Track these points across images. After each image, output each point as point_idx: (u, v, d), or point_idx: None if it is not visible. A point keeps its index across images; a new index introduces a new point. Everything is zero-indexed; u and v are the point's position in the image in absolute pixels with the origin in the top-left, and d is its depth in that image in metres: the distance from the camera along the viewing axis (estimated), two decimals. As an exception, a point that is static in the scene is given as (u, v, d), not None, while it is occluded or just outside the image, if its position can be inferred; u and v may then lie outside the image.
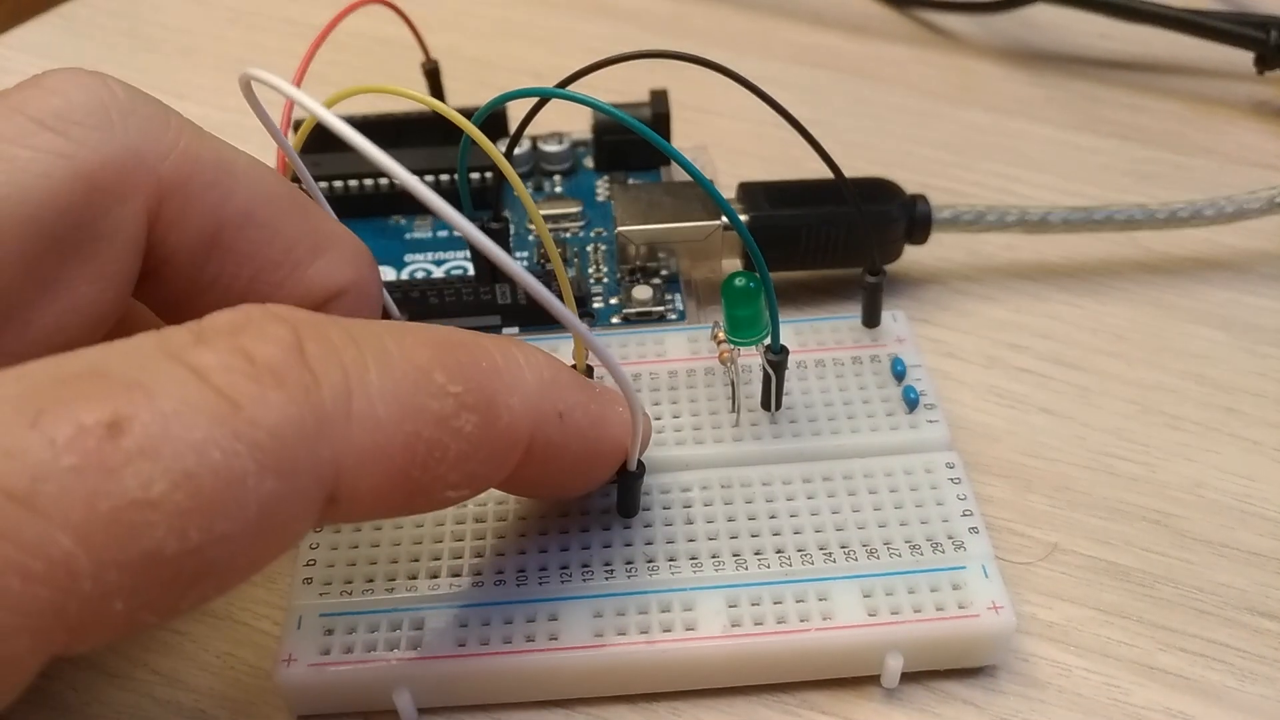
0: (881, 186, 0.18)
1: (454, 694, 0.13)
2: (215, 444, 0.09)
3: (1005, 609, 0.13)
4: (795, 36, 0.27)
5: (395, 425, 0.10)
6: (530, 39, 0.27)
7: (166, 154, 0.11)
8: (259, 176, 0.12)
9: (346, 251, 0.13)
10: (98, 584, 0.08)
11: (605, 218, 0.20)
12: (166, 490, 0.08)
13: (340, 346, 0.10)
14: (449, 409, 0.10)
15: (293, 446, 0.09)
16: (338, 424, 0.10)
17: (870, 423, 0.15)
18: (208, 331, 0.09)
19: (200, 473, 0.08)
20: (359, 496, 0.10)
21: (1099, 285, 0.19)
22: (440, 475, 0.11)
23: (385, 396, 0.10)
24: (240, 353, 0.09)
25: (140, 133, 0.11)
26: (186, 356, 0.09)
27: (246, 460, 0.09)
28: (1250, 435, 0.16)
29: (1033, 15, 0.26)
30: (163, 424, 0.08)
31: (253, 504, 0.09)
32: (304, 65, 0.15)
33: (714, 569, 0.13)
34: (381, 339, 0.10)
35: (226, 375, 0.09)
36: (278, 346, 0.09)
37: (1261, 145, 0.23)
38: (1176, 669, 0.13)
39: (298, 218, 0.12)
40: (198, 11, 0.28)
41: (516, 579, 0.13)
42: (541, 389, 0.11)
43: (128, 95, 0.11)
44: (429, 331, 0.11)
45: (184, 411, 0.09)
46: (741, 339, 0.14)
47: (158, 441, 0.08)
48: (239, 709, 0.13)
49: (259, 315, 0.10)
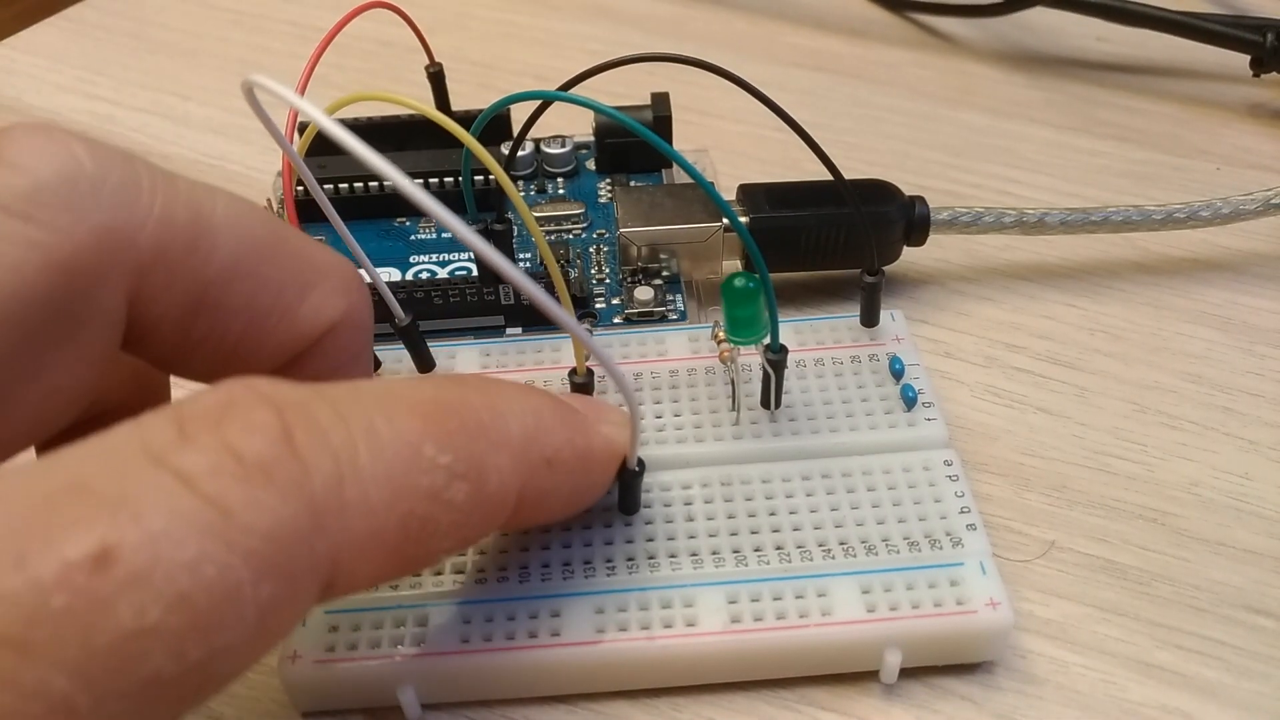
0: (880, 188, 0.18)
1: (457, 690, 0.13)
2: (208, 559, 0.08)
3: (1003, 605, 0.13)
4: (795, 40, 0.27)
5: (388, 508, 0.10)
6: (533, 42, 0.27)
7: (142, 224, 0.11)
8: (240, 223, 0.11)
9: (335, 283, 0.12)
10: (98, 716, 0.08)
11: (607, 219, 0.20)
12: (161, 616, 0.08)
13: (328, 428, 0.10)
14: (440, 482, 0.10)
15: (288, 548, 0.09)
16: (331, 515, 0.09)
17: (869, 421, 0.15)
18: (190, 424, 0.09)
19: (194, 592, 0.08)
20: (355, 579, 0.10)
21: (1096, 286, 0.19)
22: (434, 546, 0.10)
23: (378, 479, 0.10)
24: (227, 451, 0.09)
25: (113, 206, 0.10)
26: (171, 460, 0.09)
27: (241, 570, 0.08)
28: (1246, 434, 0.16)
29: (1030, 18, 0.26)
30: (152, 547, 0.08)
31: (250, 612, 0.09)
32: (308, 70, 0.15)
33: (714, 565, 0.13)
34: (370, 415, 0.10)
35: (215, 480, 0.09)
36: (265, 439, 0.09)
37: (1257, 147, 0.23)
38: (1173, 666, 0.14)
39: (283, 260, 0.12)
40: (202, 14, 0.28)
41: (519, 575, 0.13)
42: (527, 440, 0.11)
43: (95, 163, 0.10)
44: (417, 395, 0.11)
45: (173, 529, 0.08)
46: (741, 338, 0.14)
47: (148, 567, 0.08)
48: (245, 705, 0.13)
49: (243, 398, 0.09)
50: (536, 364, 0.16)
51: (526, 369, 0.16)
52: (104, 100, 0.25)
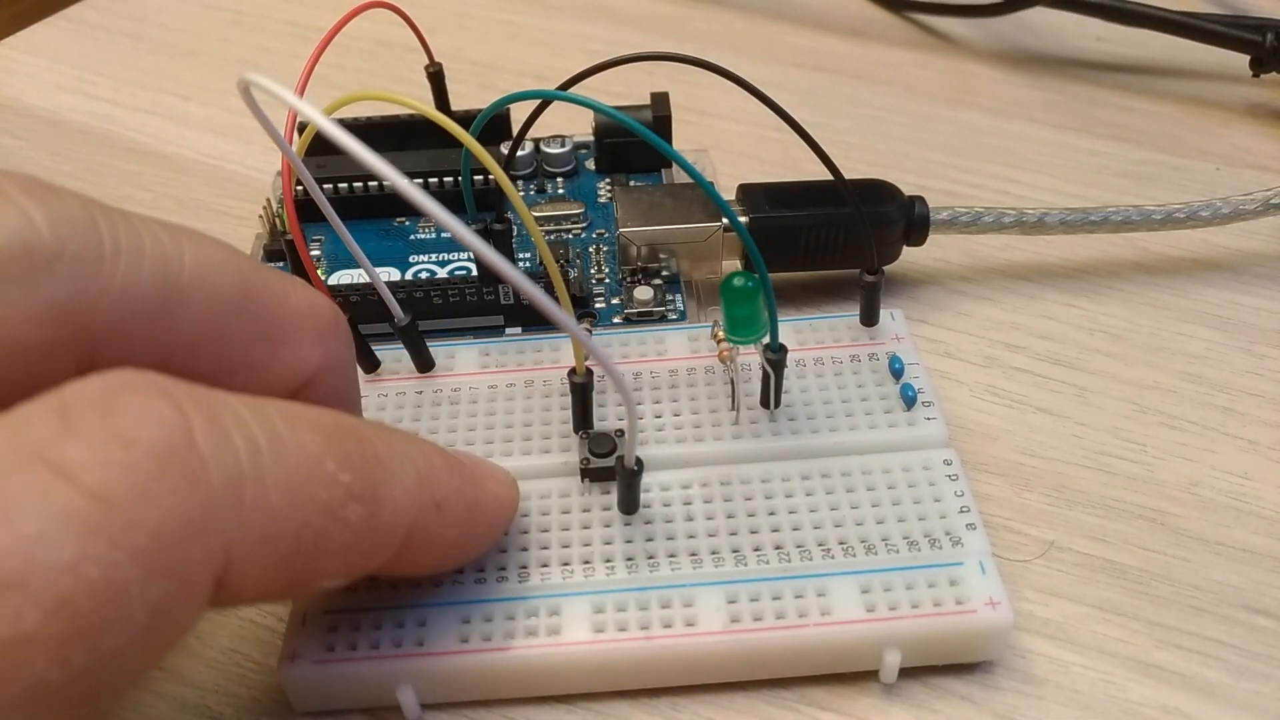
0: (880, 188, 0.18)
1: (457, 690, 0.13)
2: (90, 559, 0.08)
3: (1002, 605, 0.13)
4: (795, 40, 0.27)
5: (286, 513, 0.09)
6: (532, 42, 0.27)
7: (100, 295, 0.10)
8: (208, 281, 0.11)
9: (309, 330, 0.12)
10: None
11: (607, 219, 0.20)
12: (41, 622, 0.08)
13: (232, 425, 0.09)
14: (338, 498, 0.10)
15: (179, 544, 0.08)
16: (229, 511, 0.09)
17: (868, 420, 0.15)
18: (74, 411, 0.08)
19: (76, 595, 0.08)
20: (244, 585, 0.09)
21: (1096, 286, 0.19)
22: (322, 565, 0.10)
23: (279, 483, 0.09)
24: (115, 440, 0.08)
25: (69, 278, 0.09)
26: (50, 453, 0.08)
27: (128, 569, 0.08)
28: (1246, 434, 0.16)
29: (1030, 18, 0.26)
30: (26, 549, 0.08)
31: (139, 612, 0.08)
32: (308, 70, 0.15)
33: (714, 565, 0.13)
34: (272, 420, 0.10)
35: (99, 471, 0.08)
36: (159, 427, 0.08)
37: (1257, 147, 0.23)
38: (1172, 666, 0.14)
39: (252, 313, 0.11)
40: (202, 14, 0.28)
41: (518, 575, 0.13)
42: (419, 481, 0.11)
43: (53, 229, 0.09)
44: (318, 416, 0.10)
45: (49, 530, 0.08)
46: (740, 338, 0.14)
47: (22, 571, 0.08)
48: (243, 705, 0.13)
49: (135, 383, 0.09)
50: (536, 364, 0.16)
51: (526, 369, 0.16)
52: (103, 100, 0.25)
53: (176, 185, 0.22)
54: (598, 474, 0.14)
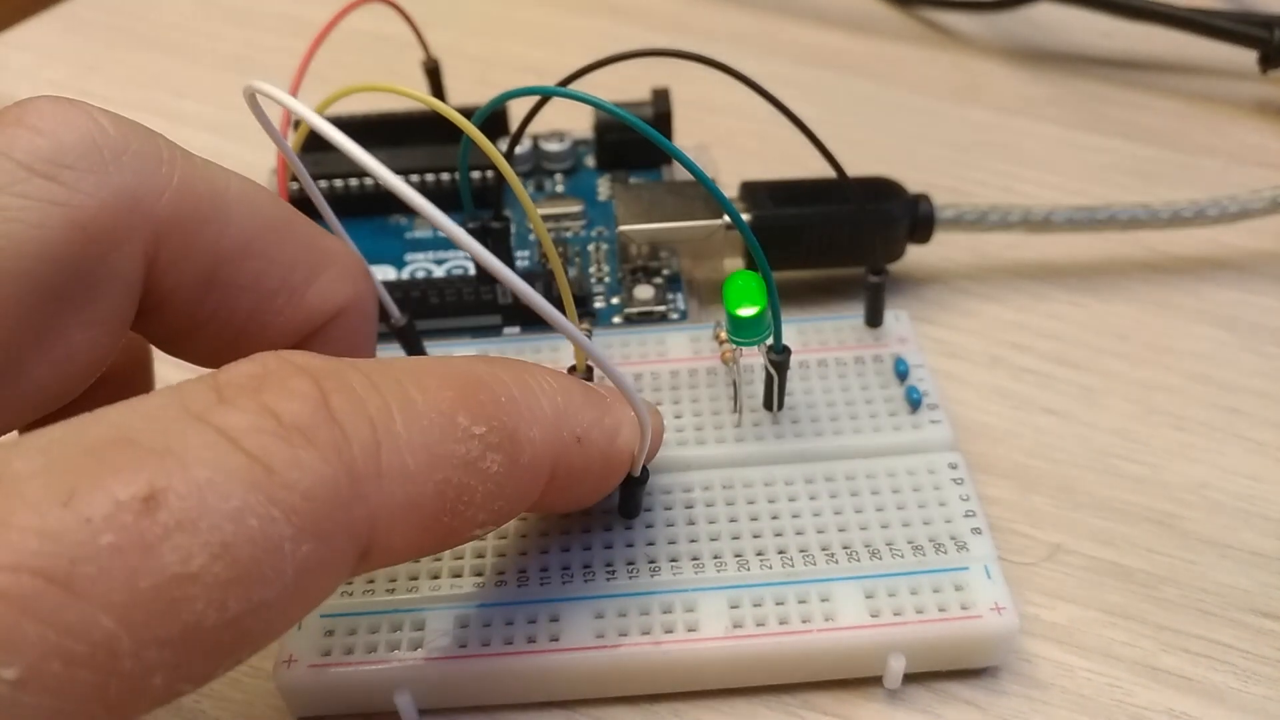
0: (884, 185, 0.18)
1: (455, 695, 0.13)
2: (251, 511, 0.08)
3: (1008, 610, 0.13)
4: (798, 35, 0.26)
5: (425, 475, 0.10)
6: (531, 37, 0.27)
7: (162, 192, 0.11)
8: (252, 202, 0.12)
9: (343, 269, 0.12)
10: (139, 662, 0.08)
11: (607, 217, 0.20)
12: (206, 563, 0.08)
13: (364, 397, 0.10)
14: (475, 452, 0.10)
15: (328, 507, 0.09)
16: (369, 480, 0.09)
17: (873, 423, 0.15)
18: (228, 388, 0.09)
19: (238, 542, 0.08)
20: (393, 548, 0.10)
21: (1102, 285, 0.19)
22: (470, 517, 0.11)
23: (414, 446, 0.10)
24: (267, 412, 0.09)
25: (135, 172, 0.11)
26: (213, 418, 0.09)
27: (283, 526, 0.09)
28: (1255, 436, 0.16)
29: (1036, 14, 0.26)
30: (198, 494, 0.08)
31: (290, 569, 0.09)
32: (303, 66, 0.15)
33: (716, 570, 0.13)
34: (403, 384, 0.10)
35: (257, 437, 0.09)
36: (304, 403, 0.09)
37: (1265, 144, 0.22)
38: (1179, 670, 0.13)
39: (293, 241, 0.12)
40: (196, 9, 0.28)
41: (518, 580, 0.13)
42: (558, 416, 0.11)
43: (117, 130, 0.11)
44: (448, 369, 0.11)
45: (218, 479, 0.08)
46: (743, 339, 0.14)
47: (194, 513, 0.08)
48: (240, 710, 0.13)
49: (278, 367, 0.09)
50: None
51: (525, 369, 0.16)
52: (97, 96, 0.25)
53: (172, 182, 0.22)
54: (598, 476, 0.14)
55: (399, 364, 0.11)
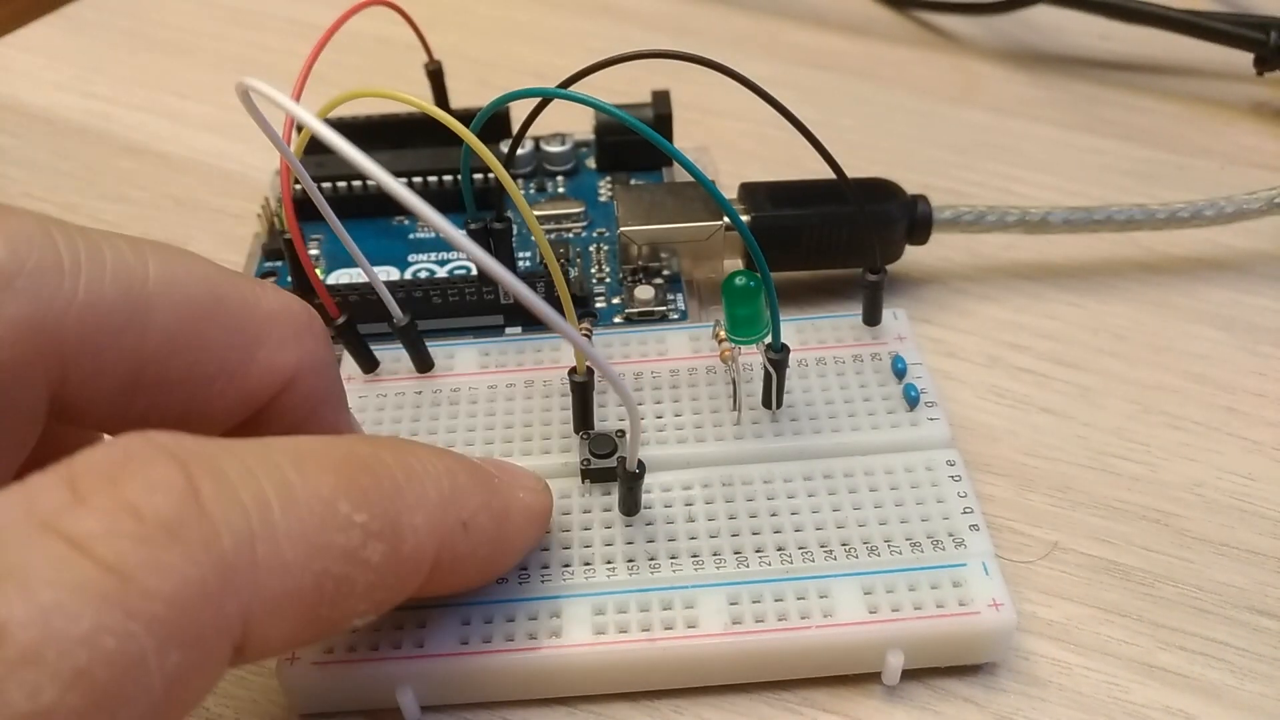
0: (882, 187, 0.18)
1: (457, 692, 0.13)
2: (105, 630, 0.08)
3: (1006, 606, 0.13)
4: (797, 38, 0.27)
5: (303, 565, 0.09)
6: (532, 39, 0.27)
7: (65, 310, 0.10)
8: (175, 290, 0.11)
9: (285, 333, 0.12)
10: None
11: (607, 218, 0.20)
12: (58, 695, 0.07)
13: (238, 483, 0.09)
14: (356, 541, 0.10)
15: (195, 611, 0.08)
16: (242, 573, 0.09)
17: (871, 420, 0.15)
18: (82, 481, 0.08)
19: (93, 667, 0.08)
20: (269, 641, 0.09)
21: (1099, 285, 0.19)
22: (349, 608, 0.10)
23: (292, 536, 0.09)
24: (125, 510, 0.08)
25: (31, 295, 0.10)
26: (62, 524, 0.08)
27: (144, 639, 0.08)
28: (1250, 435, 0.16)
29: (1033, 16, 0.26)
30: (44, 620, 0.07)
31: (157, 683, 0.08)
32: (306, 68, 0.15)
33: (715, 567, 0.13)
34: (281, 469, 0.09)
35: (111, 543, 0.08)
36: (167, 495, 0.08)
37: (1261, 146, 0.23)
38: (1176, 667, 0.13)
39: (224, 320, 0.11)
40: (200, 11, 0.28)
41: (519, 577, 0.13)
42: (443, 502, 0.11)
43: (9, 248, 0.10)
44: (329, 451, 0.10)
45: (66, 600, 0.08)
46: (742, 338, 0.14)
47: (40, 643, 0.07)
48: (243, 707, 0.13)
49: (141, 451, 0.09)
50: (536, 363, 0.16)
51: (526, 368, 0.16)
52: (101, 98, 0.25)
53: (174, 184, 0.22)
54: (598, 475, 0.14)
55: (277, 445, 0.10)
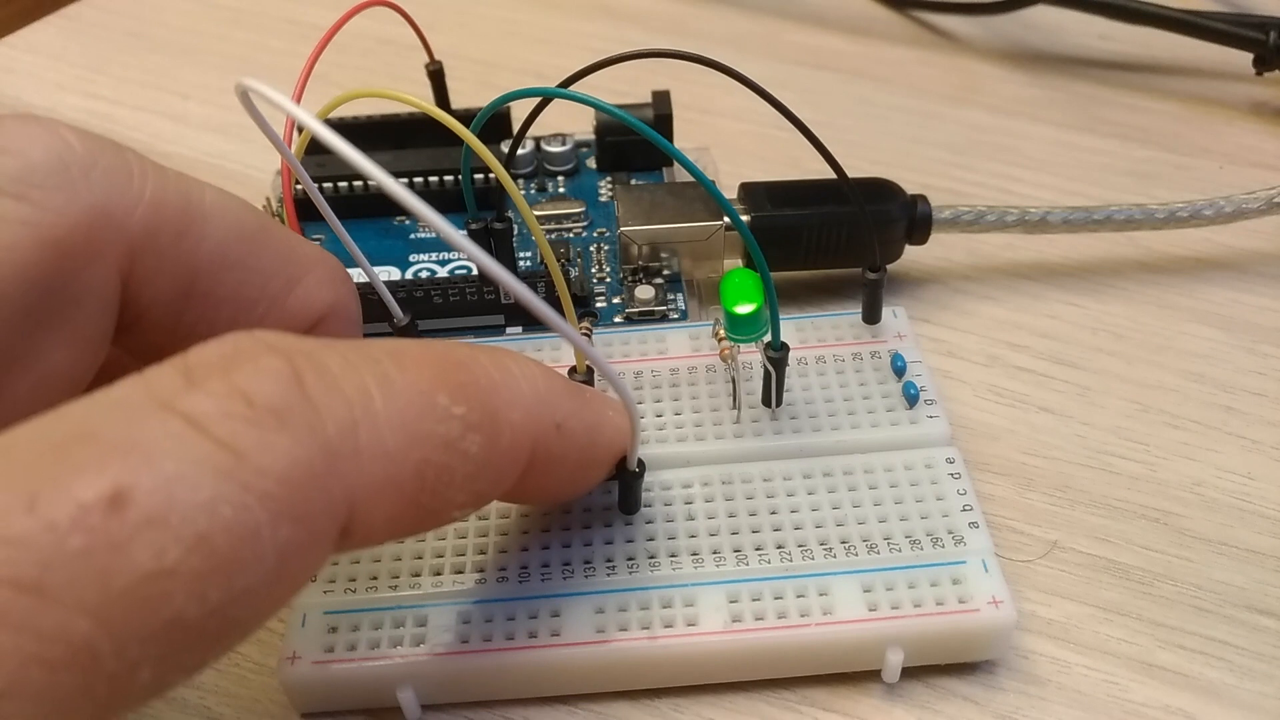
0: (882, 186, 0.18)
1: (457, 691, 0.13)
2: (224, 500, 0.08)
3: (1005, 604, 0.13)
4: (797, 38, 0.27)
5: (404, 454, 0.10)
6: (533, 39, 0.27)
7: (134, 206, 0.11)
8: (228, 212, 0.12)
9: (323, 274, 0.12)
10: (121, 660, 0.08)
11: (608, 218, 0.20)
12: (181, 557, 0.08)
13: (340, 375, 0.09)
14: (455, 432, 0.10)
15: (304, 489, 0.09)
16: (347, 458, 0.09)
17: (871, 418, 0.15)
18: (197, 370, 0.09)
19: (213, 533, 0.08)
20: (373, 527, 0.10)
21: (1099, 285, 0.19)
22: (448, 498, 0.10)
23: (393, 425, 0.10)
24: (236, 394, 0.09)
25: (105, 188, 0.10)
26: (179, 405, 0.08)
27: (258, 512, 0.08)
28: (1249, 434, 0.16)
29: (1033, 16, 0.26)
30: (166, 488, 0.08)
31: (270, 554, 0.09)
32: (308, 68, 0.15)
33: (715, 564, 0.13)
34: (381, 363, 0.10)
35: (225, 423, 0.08)
36: (275, 382, 0.09)
37: (1260, 145, 0.23)
38: (1175, 666, 0.13)
39: (270, 249, 0.12)
40: (201, 12, 0.28)
41: (519, 576, 0.13)
42: (538, 401, 0.11)
43: (85, 147, 0.11)
44: (426, 350, 0.11)
45: (187, 471, 0.08)
46: (742, 337, 0.14)
47: (164, 508, 0.08)
48: (244, 706, 0.13)
49: (249, 346, 0.09)
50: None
51: (527, 368, 0.16)
52: (103, 99, 0.25)
53: (176, 184, 0.22)
54: (599, 473, 0.14)
55: (377, 344, 0.10)
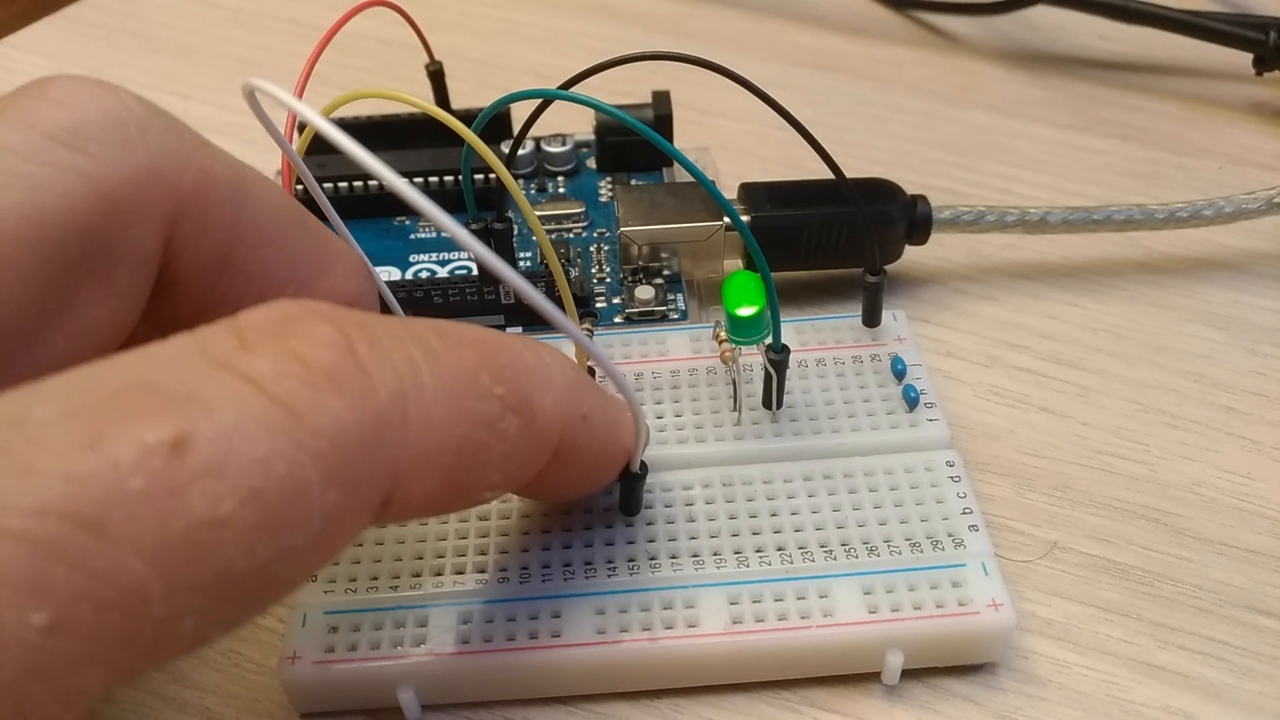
0: (882, 187, 0.18)
1: (457, 691, 0.13)
2: (280, 457, 0.08)
3: (1005, 606, 0.13)
4: (797, 38, 0.27)
5: (448, 427, 0.10)
6: (533, 40, 0.27)
7: (184, 170, 0.11)
8: (268, 192, 0.12)
9: (349, 267, 0.13)
10: (169, 607, 0.08)
11: (608, 218, 0.20)
12: (235, 508, 0.08)
13: (389, 346, 0.10)
14: (495, 411, 0.10)
15: (354, 454, 0.09)
16: (395, 427, 0.09)
17: (870, 421, 0.15)
18: (249, 333, 0.09)
19: (266, 488, 0.08)
20: (412, 499, 0.10)
21: (1098, 285, 0.19)
22: (484, 476, 0.11)
23: (439, 398, 0.10)
24: (292, 357, 0.09)
25: (158, 148, 0.11)
26: (236, 364, 0.09)
27: (310, 471, 0.08)
28: (1249, 434, 0.16)
29: (1033, 17, 0.26)
30: (226, 439, 0.08)
31: (317, 515, 0.09)
32: (308, 69, 0.15)
33: (716, 566, 0.13)
34: (426, 338, 0.10)
35: (283, 382, 0.09)
36: (329, 348, 0.09)
37: (1260, 145, 0.23)
38: (1175, 666, 0.13)
39: (304, 234, 0.12)
40: (202, 12, 0.28)
41: (520, 576, 0.13)
42: (568, 390, 0.11)
43: (142, 108, 0.11)
44: (468, 330, 0.11)
45: (245, 425, 0.08)
46: (742, 338, 0.14)
47: (222, 458, 0.08)
48: (244, 706, 0.13)
49: (300, 313, 0.09)
50: (537, 363, 0.16)
51: (527, 368, 0.16)
52: (103, 99, 0.25)
53: (176, 184, 0.22)
54: (599, 474, 0.14)
55: (421, 321, 0.11)
